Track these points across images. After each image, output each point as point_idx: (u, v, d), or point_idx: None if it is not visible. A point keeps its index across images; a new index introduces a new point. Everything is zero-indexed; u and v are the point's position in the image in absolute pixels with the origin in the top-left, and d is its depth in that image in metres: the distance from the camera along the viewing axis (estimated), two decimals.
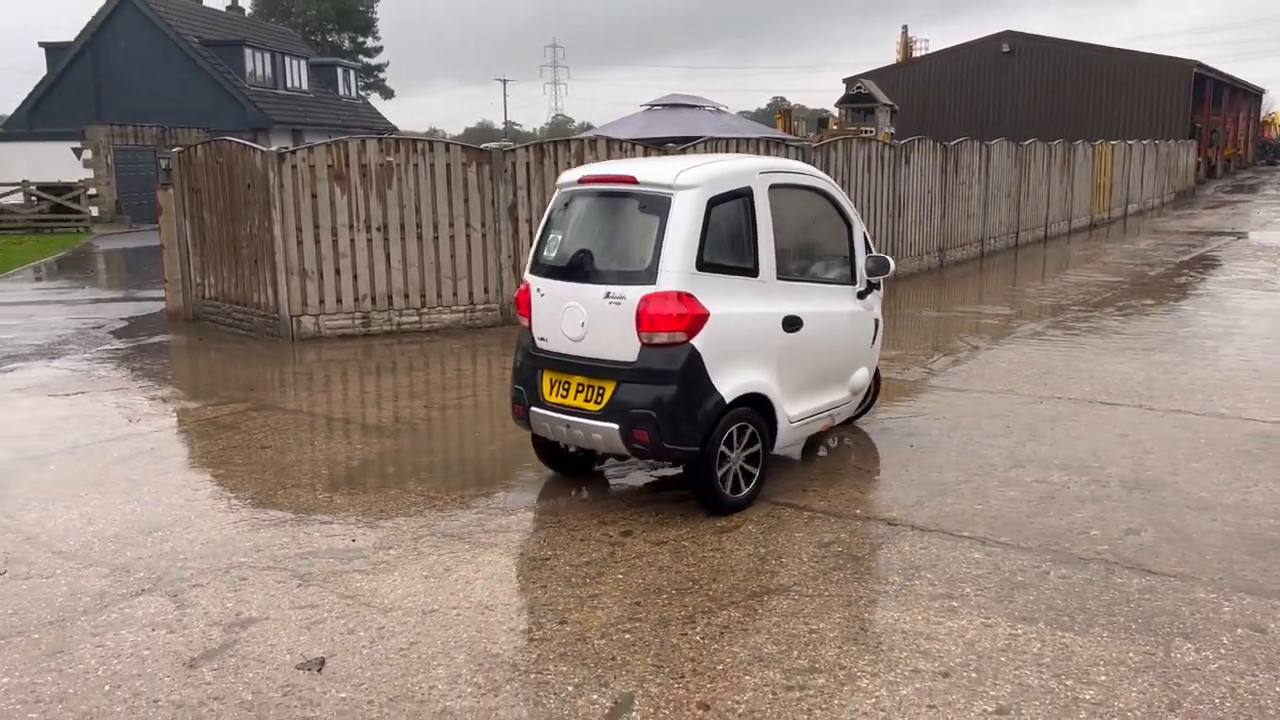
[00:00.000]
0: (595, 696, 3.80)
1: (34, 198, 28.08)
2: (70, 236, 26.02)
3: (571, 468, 6.37)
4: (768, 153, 13.75)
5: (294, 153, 11.00)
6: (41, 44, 39.77)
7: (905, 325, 12.32)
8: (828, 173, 14.35)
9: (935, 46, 54.27)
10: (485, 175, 11.70)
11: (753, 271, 5.73)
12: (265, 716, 3.69)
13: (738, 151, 13.38)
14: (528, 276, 6.04)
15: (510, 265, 11.93)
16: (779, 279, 5.86)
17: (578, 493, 6.14)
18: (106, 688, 3.89)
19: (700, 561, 5.04)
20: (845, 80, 43.39)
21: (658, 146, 13.02)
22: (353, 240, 11.20)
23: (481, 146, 12.38)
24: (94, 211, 28.80)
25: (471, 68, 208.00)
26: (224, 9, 45.63)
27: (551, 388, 5.75)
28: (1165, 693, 3.75)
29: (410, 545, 5.30)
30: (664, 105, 24.11)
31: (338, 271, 11.23)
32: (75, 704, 3.78)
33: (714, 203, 5.52)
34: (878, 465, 6.57)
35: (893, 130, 34.05)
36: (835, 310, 6.37)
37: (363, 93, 52.70)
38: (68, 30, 39.86)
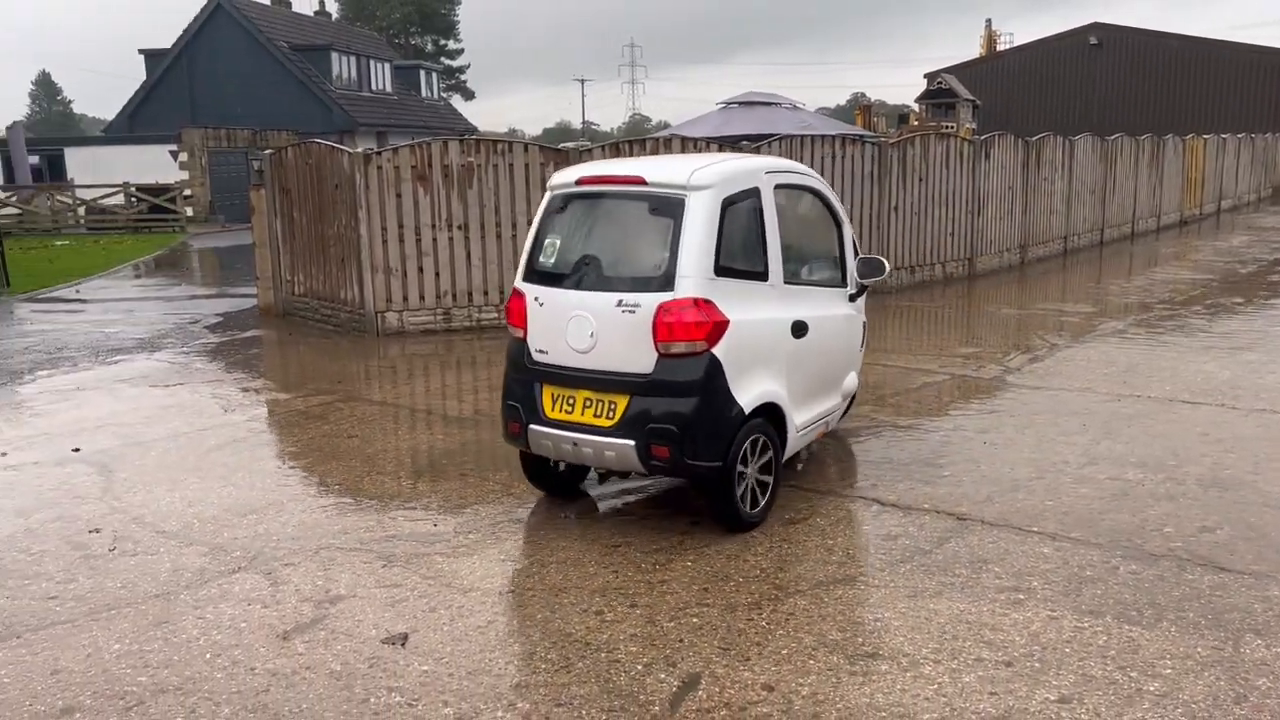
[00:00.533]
0: (663, 675, 3.95)
1: (134, 199, 29.31)
2: (167, 236, 27.11)
3: (558, 487, 6.03)
4: (844, 149, 13.74)
5: (379, 154, 11.37)
6: (141, 51, 41.47)
7: (983, 323, 12.20)
8: (904, 169, 14.29)
9: (1021, 40, 53.14)
10: None
11: (763, 275, 5.53)
12: (353, 686, 3.92)
13: (809, 148, 13.40)
14: (520, 284, 5.65)
15: None
16: (785, 283, 5.70)
17: (651, 485, 6.29)
18: (208, 655, 4.17)
19: (768, 551, 5.15)
20: (926, 75, 42.79)
21: (733, 145, 13.10)
22: (435, 239, 11.54)
23: (558, 146, 12.63)
24: (189, 212, 29.93)
25: (550, 68, 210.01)
26: (312, 14, 46.95)
27: (554, 403, 5.39)
28: (1232, 687, 3.75)
29: (488, 530, 5.52)
30: (740, 103, 24.13)
31: (420, 269, 11.58)
32: (180, 669, 4.06)
33: (728, 204, 5.29)
34: (949, 461, 6.58)
35: (974, 126, 33.51)
36: (833, 314, 6.22)
37: (444, 94, 53.70)
38: (165, 37, 41.35)
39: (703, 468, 5.16)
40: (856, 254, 6.51)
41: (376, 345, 11.09)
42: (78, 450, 7.13)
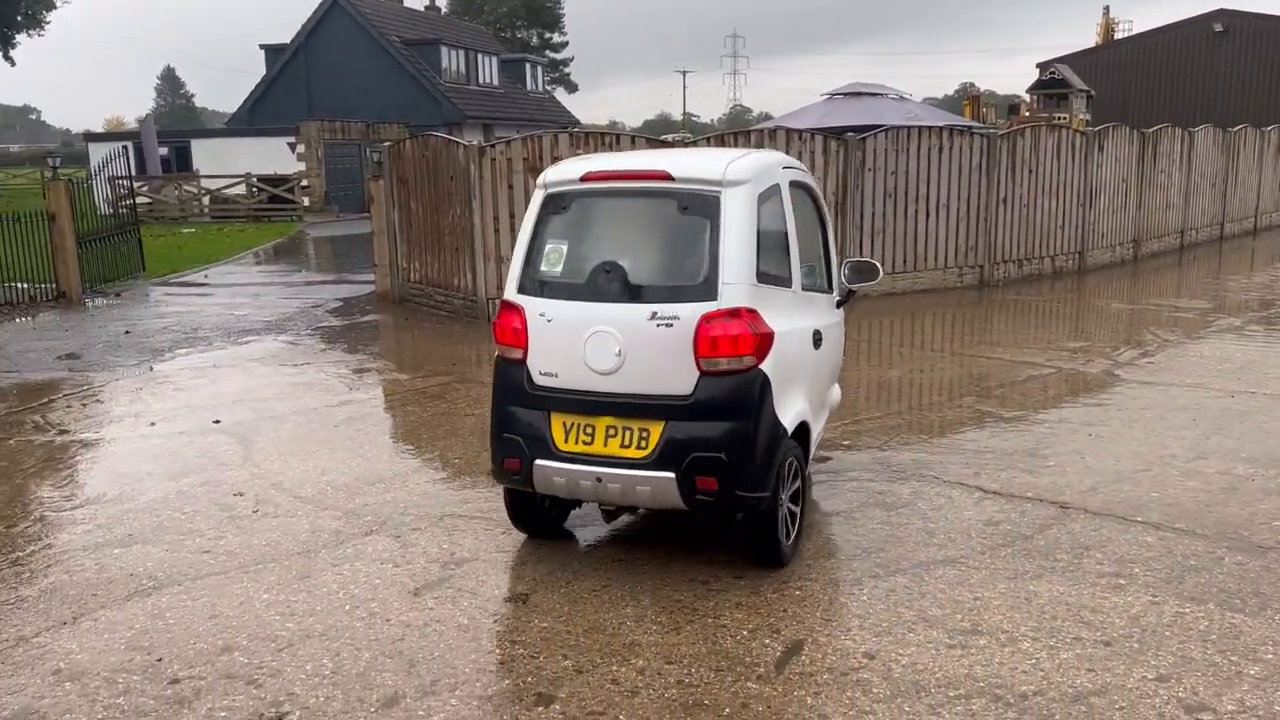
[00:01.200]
0: (767, 640, 4.17)
1: (254, 189, 30.67)
2: (285, 225, 28.31)
3: (542, 528, 5.30)
4: (951, 141, 13.65)
5: (493, 147, 11.79)
6: (261, 46, 43.18)
7: (1092, 317, 12.02)
8: (1014, 161, 14.11)
9: (1141, 28, 51.19)
10: None
11: (788, 282, 5.02)
12: (479, 638, 4.24)
13: (915, 140, 13.36)
14: (514, 297, 4.90)
15: None
16: (801, 289, 5.20)
17: None
18: (347, 607, 4.55)
19: (870, 533, 5.31)
20: (1039, 65, 41.66)
21: (837, 136, 13.15)
22: None
23: (661, 138, 12.87)
24: (305, 201, 31.15)
25: (652, 60, 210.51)
26: (422, 8, 48.19)
27: (567, 434, 4.67)
28: None
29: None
30: (845, 94, 23.99)
31: None
32: (322, 618, 4.44)
33: (761, 201, 4.76)
34: (1053, 452, 6.61)
35: (1087, 117, 32.56)
36: (831, 322, 5.73)
37: (548, 87, 54.49)
38: (284, 33, 43.02)
39: (753, 499, 4.55)
40: (839, 257, 6.09)
41: (488, 331, 11.51)
42: (218, 422, 7.69)
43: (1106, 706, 3.62)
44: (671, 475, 4.48)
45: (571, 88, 72.35)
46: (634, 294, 4.64)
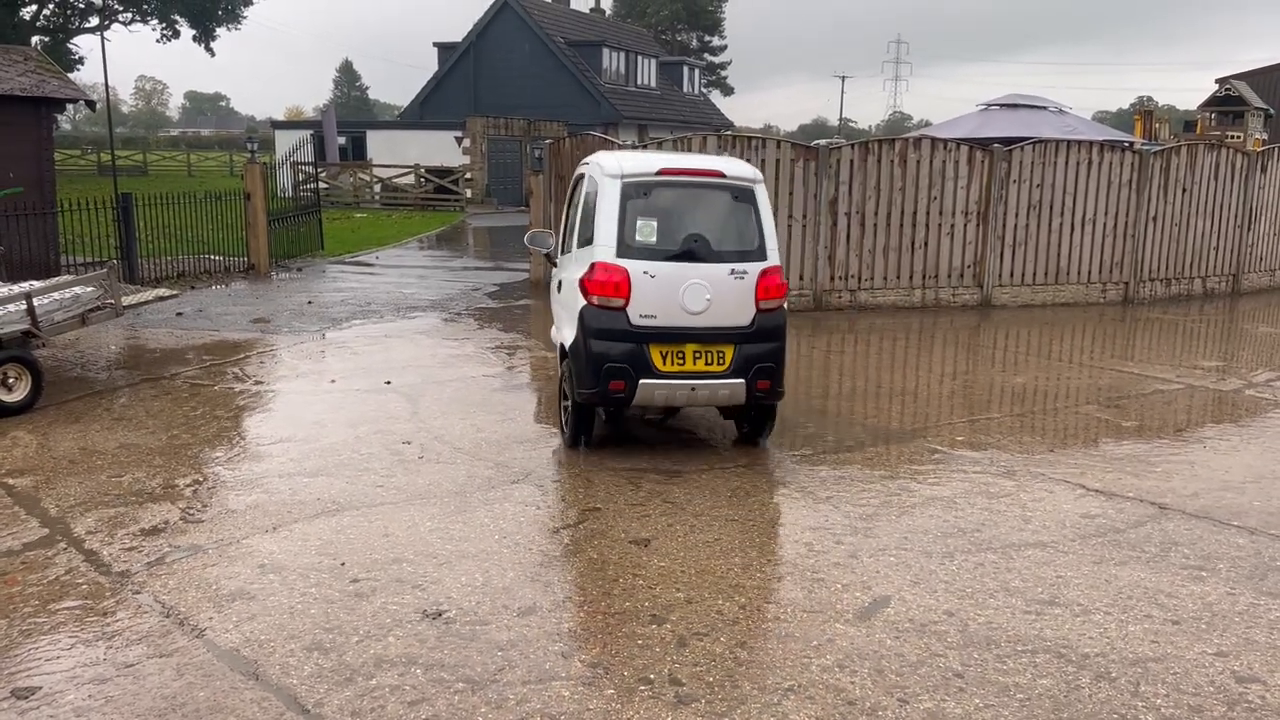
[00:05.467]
0: (859, 594, 4.68)
1: (422, 179, 32.52)
2: (449, 214, 29.94)
3: (588, 435, 6.87)
4: (1101, 156, 13.60)
5: (644, 147, 12.51)
6: (435, 44, 45.50)
7: (1235, 339, 11.85)
8: (1167, 179, 13.95)
9: None
10: (811, 170, 12.64)
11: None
12: (606, 569, 4.91)
13: (1061, 153, 13.39)
14: (615, 260, 6.44)
15: (826, 255, 12.81)
16: None
17: (856, 450, 6.97)
18: (496, 537, 5.30)
19: (968, 516, 5.73)
20: (1217, 81, 39.75)
21: (983, 147, 13.31)
22: None
23: (810, 144, 13.33)
24: (468, 193, 32.82)
25: (812, 64, 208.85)
26: (588, 11, 49.69)
27: (663, 359, 6.46)
28: None
29: (719, 472, 6.41)
30: (1001, 105, 23.73)
31: None
32: (475, 544, 5.20)
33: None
34: (1162, 459, 6.82)
35: (1263, 136, 30.98)
36: None
37: (704, 90, 55.23)
38: (457, 31, 45.13)
39: (781, 393, 6.82)
40: None
41: None
42: (389, 383, 8.65)
43: (1162, 671, 3.99)
44: (741, 381, 6.55)
45: (728, 90, 72.89)
46: (717, 257, 6.58)
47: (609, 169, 6.75)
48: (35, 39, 36.62)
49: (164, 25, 41.84)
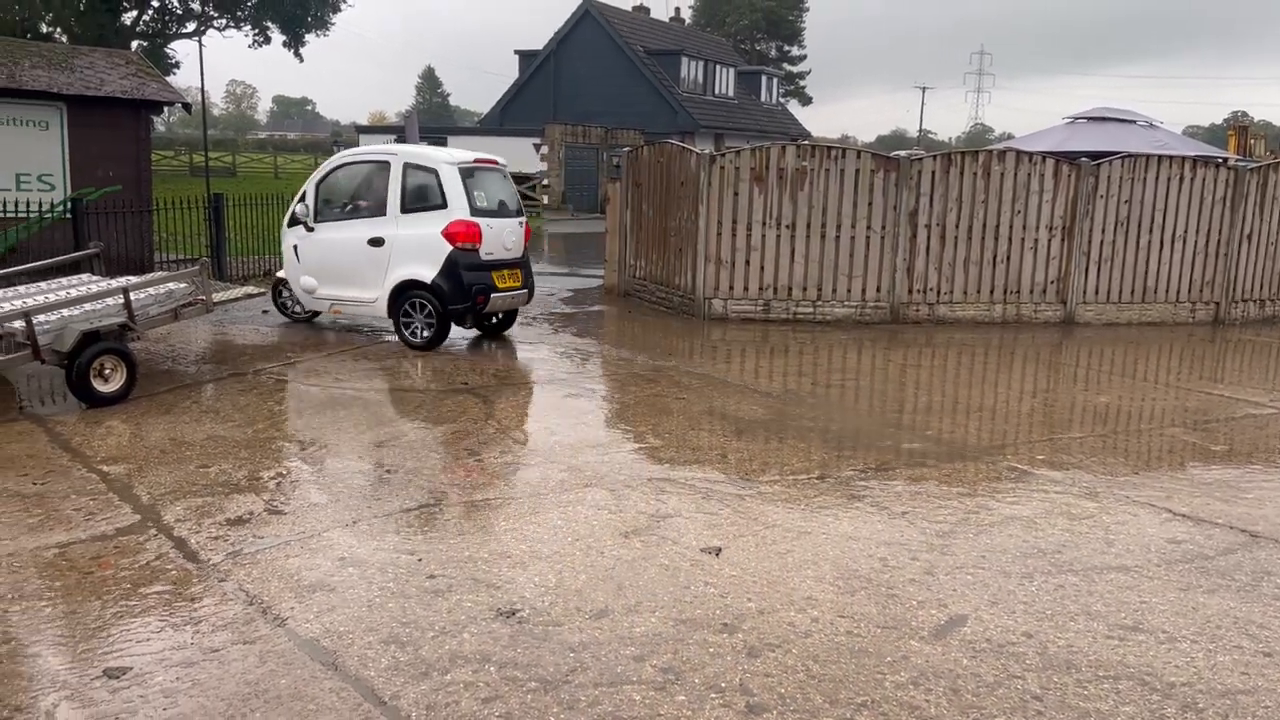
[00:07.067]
0: (934, 612, 4.61)
1: None
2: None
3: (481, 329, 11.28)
4: (1194, 171, 13.21)
5: (723, 155, 12.52)
6: (516, 51, 46.11)
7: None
8: (1263, 196, 13.48)
9: None
10: (891, 181, 12.50)
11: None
12: (678, 576, 4.91)
13: (1151, 169, 13.03)
14: (473, 218, 10.13)
15: (904, 268, 12.65)
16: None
17: (933, 466, 6.86)
18: (568, 539, 5.34)
19: (1046, 537, 5.60)
20: None
21: (1069, 161, 13.02)
22: (764, 235, 12.52)
23: (890, 154, 13.18)
24: (545, 200, 33.16)
25: (893, 75, 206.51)
26: (667, 19, 49.87)
27: (500, 280, 10.38)
28: None
29: (790, 483, 6.37)
30: (1089, 118, 23.20)
31: (747, 262, 12.62)
32: (548, 545, 5.25)
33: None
34: (1254, 485, 6.59)
35: None
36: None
37: (782, 99, 55.00)
38: (537, 39, 45.64)
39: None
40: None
41: (702, 327, 12.26)
42: (466, 384, 8.78)
43: (1252, 704, 3.86)
44: (526, 290, 10.98)
45: (806, 100, 72.49)
46: (509, 213, 10.74)
47: (445, 159, 10.31)
48: (135, 43, 38.02)
49: (256, 31, 43.10)
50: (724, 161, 12.46)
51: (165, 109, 17.13)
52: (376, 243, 10.33)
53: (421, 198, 10.28)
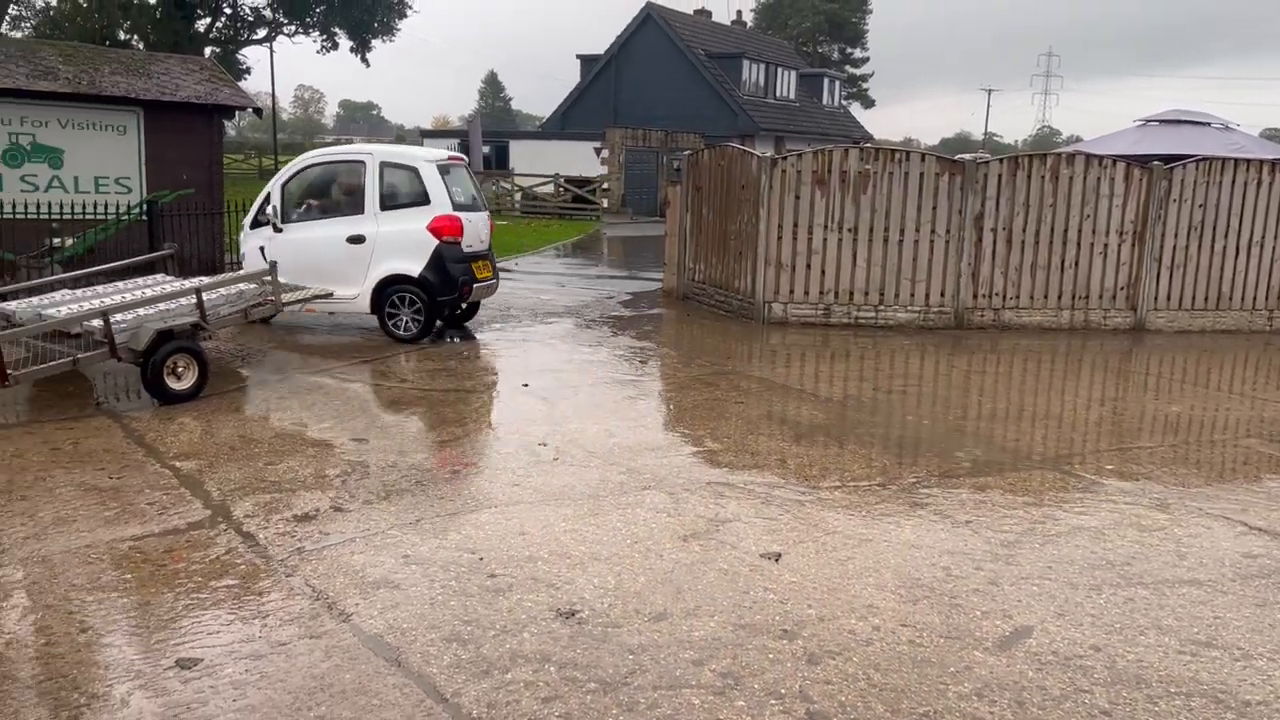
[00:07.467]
0: (999, 622, 4.53)
1: (561, 188, 33.18)
2: (585, 223, 30.44)
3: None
4: (1272, 175, 12.82)
5: (785, 159, 12.46)
6: (578, 56, 46.38)
7: None
8: None
9: None
10: (956, 185, 12.33)
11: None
12: (737, 581, 4.90)
13: (1227, 172, 12.66)
14: (456, 214, 10.64)
15: (969, 272, 12.46)
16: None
17: (997, 474, 6.74)
18: (627, 541, 5.36)
19: (1115, 549, 5.47)
20: None
21: (1141, 164, 12.72)
22: (825, 239, 12.43)
23: (955, 157, 13.00)
24: (604, 203, 33.32)
25: (957, 77, 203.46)
26: (729, 23, 49.77)
27: (478, 271, 10.95)
28: None
29: (851, 489, 6.31)
30: (1161, 120, 22.63)
31: (808, 266, 12.53)
32: (607, 546, 5.27)
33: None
34: None
35: None
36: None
37: (844, 102, 54.56)
38: (599, 43, 45.87)
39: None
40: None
41: (761, 331, 12.20)
42: (526, 386, 8.85)
43: None
44: (496, 281, 11.65)
45: (868, 103, 71.80)
46: (477, 208, 11.30)
47: (424, 157, 10.87)
48: (208, 50, 39.01)
49: (324, 37, 43.98)
50: (785, 165, 12.39)
51: (236, 113, 17.54)
52: (356, 240, 10.63)
53: (402, 195, 10.76)
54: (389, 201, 10.72)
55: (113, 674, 3.91)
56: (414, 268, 10.48)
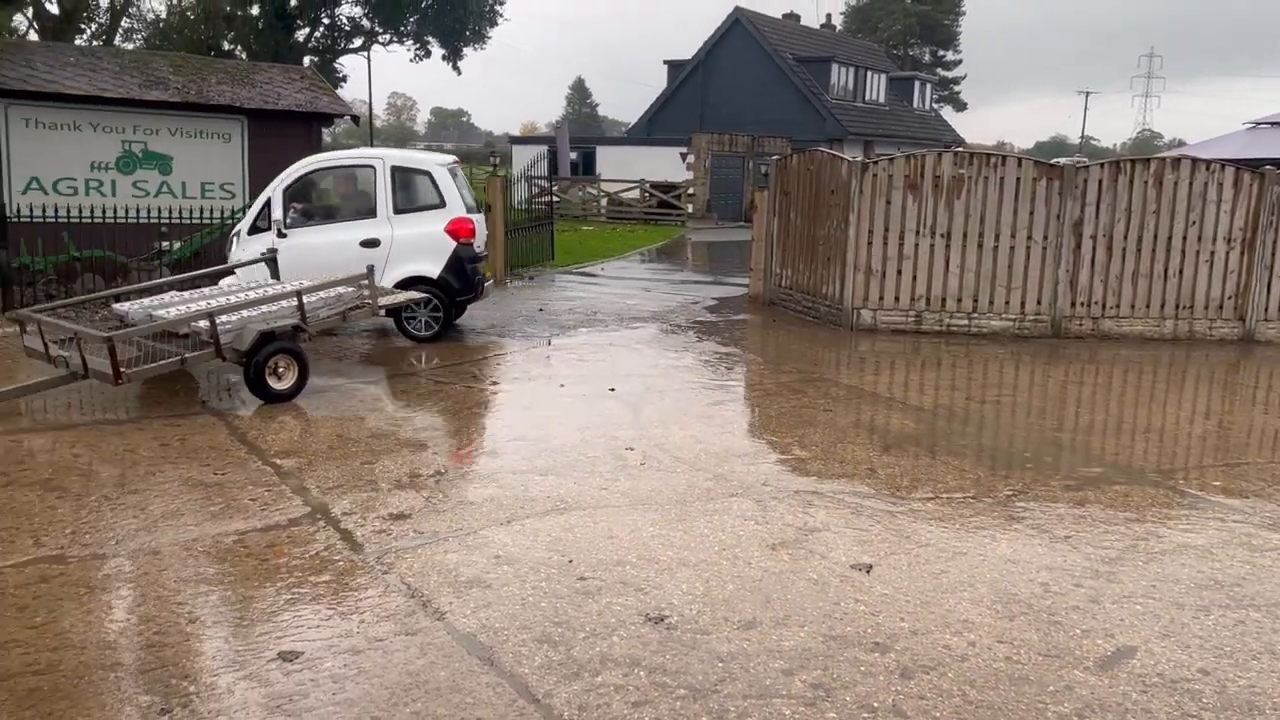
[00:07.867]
0: (1100, 641, 4.39)
1: (647, 194, 33.30)
2: (670, 228, 30.49)
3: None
4: None
5: (876, 163, 12.30)
6: (665, 61, 46.50)
7: None
8: None
9: None
10: (1054, 190, 12.01)
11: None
12: (827, 591, 4.84)
13: None
14: (468, 215, 11.01)
15: (1067, 280, 12.12)
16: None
17: (1096, 488, 6.53)
18: (715, 548, 5.34)
19: (1225, 569, 5.26)
20: None
21: (1252, 169, 12.21)
22: (916, 244, 12.23)
23: (1053, 161, 12.67)
24: (689, 208, 33.32)
25: (1053, 79, 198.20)
26: (818, 26, 49.35)
27: (486, 270, 11.69)
28: None
29: (944, 501, 6.19)
30: (1272, 123, 21.74)
31: (899, 272, 12.34)
32: (695, 552, 5.26)
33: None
34: None
35: None
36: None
37: (935, 105, 53.60)
38: (686, 48, 45.89)
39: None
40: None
41: (849, 338, 12.06)
42: (613, 390, 8.90)
43: None
44: (492, 280, 11.87)
45: (960, 106, 70.41)
46: (478, 208, 11.61)
47: (436, 161, 11.13)
48: (307, 59, 40.20)
49: (418, 45, 44.88)
50: (876, 169, 12.23)
51: (334, 120, 18.03)
52: (370, 244, 10.66)
53: (416, 198, 10.98)
54: (403, 205, 10.86)
55: (218, 664, 4.05)
56: (433, 269, 10.73)
